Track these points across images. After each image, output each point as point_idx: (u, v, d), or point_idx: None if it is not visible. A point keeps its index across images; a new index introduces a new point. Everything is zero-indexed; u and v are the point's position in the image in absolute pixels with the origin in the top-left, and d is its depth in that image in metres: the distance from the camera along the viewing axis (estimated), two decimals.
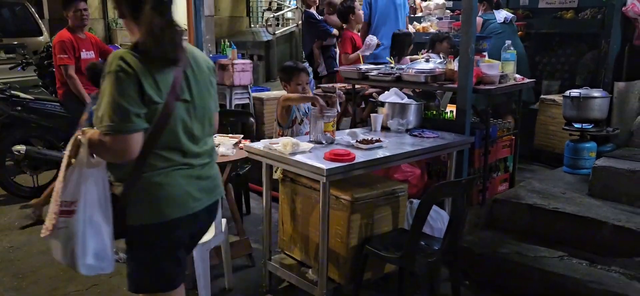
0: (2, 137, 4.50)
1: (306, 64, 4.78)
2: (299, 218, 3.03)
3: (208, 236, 2.74)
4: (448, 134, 3.37)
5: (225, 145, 3.23)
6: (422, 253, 2.57)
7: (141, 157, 1.71)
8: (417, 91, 4.14)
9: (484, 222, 3.69)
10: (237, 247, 3.36)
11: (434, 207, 3.43)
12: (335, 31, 5.67)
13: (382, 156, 2.79)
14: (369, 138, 3.02)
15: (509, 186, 3.99)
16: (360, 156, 2.71)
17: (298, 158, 2.67)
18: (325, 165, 2.53)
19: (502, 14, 5.14)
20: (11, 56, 6.92)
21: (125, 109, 1.63)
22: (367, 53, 5.06)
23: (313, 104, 3.09)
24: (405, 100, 3.65)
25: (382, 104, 3.60)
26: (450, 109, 4.33)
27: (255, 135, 4.39)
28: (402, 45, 4.83)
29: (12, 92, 4.49)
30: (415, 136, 3.32)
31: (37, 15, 7.61)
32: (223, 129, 4.55)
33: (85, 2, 4.34)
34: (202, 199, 1.90)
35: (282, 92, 6.63)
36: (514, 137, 3.90)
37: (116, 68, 1.65)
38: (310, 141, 2.98)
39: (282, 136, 3.32)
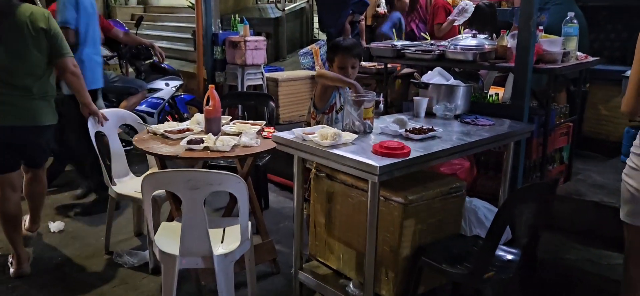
0: None
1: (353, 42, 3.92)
2: (336, 220, 2.57)
3: (232, 245, 2.30)
4: (504, 122, 2.90)
5: (248, 134, 2.76)
6: (494, 268, 2.12)
7: None
8: (457, 70, 3.65)
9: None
10: (260, 252, 2.91)
11: (485, 204, 2.98)
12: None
13: (441, 148, 2.32)
14: (420, 126, 2.56)
15: (564, 180, 3.52)
16: (415, 150, 2.24)
17: (340, 151, 2.21)
18: (376, 162, 2.06)
19: None
20: None
21: None
22: (461, 21, 4.48)
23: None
24: (452, 81, 3.17)
25: (426, 85, 3.12)
26: (495, 91, 3.85)
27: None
28: (484, 18, 4.23)
29: None
30: (468, 123, 2.84)
31: None
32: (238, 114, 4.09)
33: None
34: None
35: (298, 73, 6.18)
36: (572, 124, 3.43)
37: None
38: (343, 129, 2.52)
39: (315, 119, 2.85)
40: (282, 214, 3.92)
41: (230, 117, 3.23)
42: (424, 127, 2.54)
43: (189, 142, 2.64)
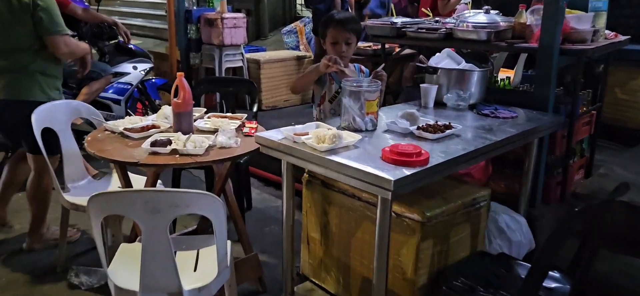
0: None
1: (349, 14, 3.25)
2: (335, 236, 2.14)
3: (208, 275, 1.84)
4: (527, 112, 2.49)
5: (226, 132, 2.29)
6: None
7: None
8: (464, 51, 3.20)
9: None
10: (242, 269, 2.46)
11: (506, 210, 2.56)
12: None
13: (464, 151, 1.88)
14: (434, 122, 2.12)
15: (585, 175, 3.13)
16: (435, 154, 1.80)
17: (341, 158, 1.75)
18: (389, 173, 1.62)
19: None
20: None
21: None
22: None
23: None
24: (465, 65, 2.73)
25: (434, 70, 2.67)
26: (506, 75, 3.42)
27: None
28: None
29: None
30: (487, 115, 2.41)
31: None
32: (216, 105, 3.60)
33: None
34: None
35: (282, 53, 5.68)
36: (595, 112, 3.02)
37: None
38: (341, 127, 2.07)
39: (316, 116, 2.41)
40: (268, 216, 3.47)
41: (204, 110, 2.74)
42: (439, 123, 2.11)
43: (153, 144, 2.16)
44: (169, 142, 2.18)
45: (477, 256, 2.05)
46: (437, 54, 2.80)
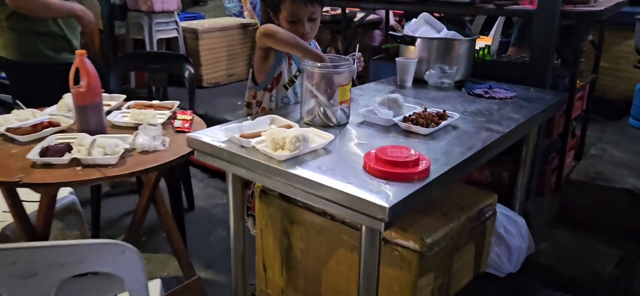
0: None
1: None
2: (300, 264, 1.64)
3: None
4: (524, 90, 2.06)
5: (148, 130, 1.71)
6: None
7: None
8: (437, 16, 2.73)
9: (555, 216, 2.48)
10: None
11: (503, 210, 2.14)
12: None
13: (472, 152, 1.40)
14: (422, 110, 1.64)
15: (575, 156, 2.78)
16: (434, 157, 1.31)
17: (309, 172, 1.24)
18: (381, 197, 1.12)
19: None
20: None
21: None
22: None
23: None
24: (446, 32, 2.25)
25: (411, 40, 2.18)
26: (485, 43, 3.00)
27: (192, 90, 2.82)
28: None
29: None
30: (480, 95, 1.96)
31: None
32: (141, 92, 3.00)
33: None
34: None
35: (224, 21, 5.01)
36: (588, 85, 2.65)
37: None
38: (304, 122, 1.56)
39: (256, 99, 1.86)
40: (214, 217, 2.92)
41: (123, 97, 2.13)
42: (431, 112, 1.63)
43: (43, 152, 1.56)
44: (68, 148, 1.58)
45: (483, 282, 1.61)
46: (413, 20, 2.31)
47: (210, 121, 1.86)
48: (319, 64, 1.52)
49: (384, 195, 1.13)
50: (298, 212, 1.57)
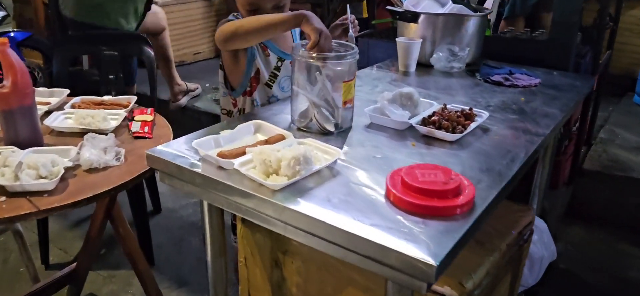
0: None
1: None
2: None
3: None
4: (546, 74, 1.78)
5: (97, 140, 1.34)
6: None
7: None
8: None
9: (566, 211, 2.24)
10: None
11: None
12: None
13: (518, 167, 1.10)
14: (441, 108, 1.32)
15: (585, 141, 2.53)
16: (479, 181, 1.01)
17: (317, 209, 0.91)
18: (423, 248, 0.80)
19: None
20: None
21: None
22: None
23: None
24: (452, 6, 1.93)
25: (413, 16, 1.85)
26: None
27: (153, 84, 2.40)
28: None
29: None
30: (499, 82, 1.66)
31: None
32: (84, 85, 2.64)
33: None
34: None
35: None
36: (603, 64, 2.38)
37: None
38: (301, 126, 1.23)
39: (235, 107, 1.51)
40: (183, 221, 2.57)
41: (67, 92, 1.74)
42: (454, 111, 1.32)
43: None
44: None
45: None
46: None
47: (177, 113, 1.50)
48: (314, 54, 1.18)
49: (422, 244, 0.81)
50: (292, 240, 1.25)
